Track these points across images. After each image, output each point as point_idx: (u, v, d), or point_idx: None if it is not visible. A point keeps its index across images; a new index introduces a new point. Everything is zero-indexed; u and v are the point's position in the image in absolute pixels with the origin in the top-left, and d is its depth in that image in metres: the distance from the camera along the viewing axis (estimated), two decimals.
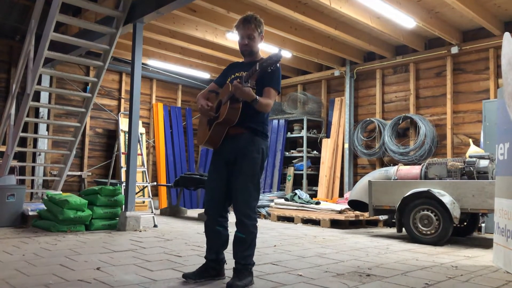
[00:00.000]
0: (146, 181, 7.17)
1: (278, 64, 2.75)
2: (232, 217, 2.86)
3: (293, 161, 9.29)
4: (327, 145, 8.96)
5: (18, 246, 4.24)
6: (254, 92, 2.76)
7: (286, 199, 7.51)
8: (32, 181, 8.19)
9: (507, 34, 3.77)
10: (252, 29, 2.96)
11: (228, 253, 3.02)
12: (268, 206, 7.78)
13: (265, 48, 7.93)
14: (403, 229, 5.22)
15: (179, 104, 10.37)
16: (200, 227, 6.14)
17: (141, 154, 7.23)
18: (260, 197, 8.15)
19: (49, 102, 8.43)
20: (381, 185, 5.51)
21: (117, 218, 5.78)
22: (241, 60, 3.17)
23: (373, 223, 6.92)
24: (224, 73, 3.16)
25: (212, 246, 3.00)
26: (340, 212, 6.53)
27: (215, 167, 3.01)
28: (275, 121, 9.52)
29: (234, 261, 2.87)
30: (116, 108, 9.44)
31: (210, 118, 2.98)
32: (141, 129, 9.18)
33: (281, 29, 7.07)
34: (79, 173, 8.80)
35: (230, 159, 2.91)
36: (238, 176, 2.86)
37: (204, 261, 3.06)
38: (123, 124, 8.28)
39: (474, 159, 5.23)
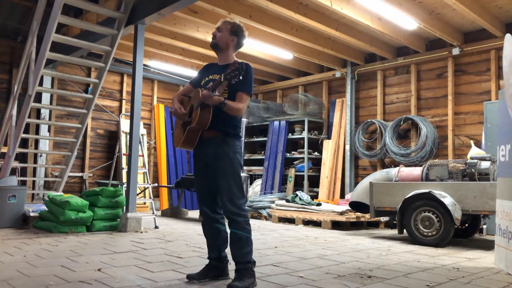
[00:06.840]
0: (147, 182, 7.18)
1: (247, 67, 2.86)
2: None
3: (294, 162, 9.28)
4: (328, 147, 8.95)
5: (19, 247, 4.24)
6: (226, 97, 2.88)
7: (287, 201, 7.50)
8: (34, 182, 8.20)
9: (508, 35, 3.77)
10: (223, 24, 3.08)
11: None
12: (269, 207, 7.77)
13: (266, 50, 7.95)
14: (405, 230, 5.21)
15: None
16: (201, 228, 6.13)
17: (142, 155, 7.23)
18: (261, 198, 8.25)
19: (51, 103, 8.44)
20: (383, 187, 5.51)
21: (118, 219, 5.78)
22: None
23: (375, 225, 6.91)
24: (199, 75, 3.22)
25: (213, 245, 3.06)
26: (341, 213, 6.53)
27: (197, 169, 3.12)
28: (276, 122, 9.52)
29: (235, 263, 2.88)
30: (117, 109, 9.45)
31: (184, 122, 3.06)
32: (142, 130, 9.19)
33: (282, 30, 7.07)
34: (80, 174, 8.81)
35: (208, 161, 3.00)
36: (219, 177, 2.95)
37: (207, 261, 3.09)
38: (124, 125, 8.29)
39: (476, 160, 5.22)
